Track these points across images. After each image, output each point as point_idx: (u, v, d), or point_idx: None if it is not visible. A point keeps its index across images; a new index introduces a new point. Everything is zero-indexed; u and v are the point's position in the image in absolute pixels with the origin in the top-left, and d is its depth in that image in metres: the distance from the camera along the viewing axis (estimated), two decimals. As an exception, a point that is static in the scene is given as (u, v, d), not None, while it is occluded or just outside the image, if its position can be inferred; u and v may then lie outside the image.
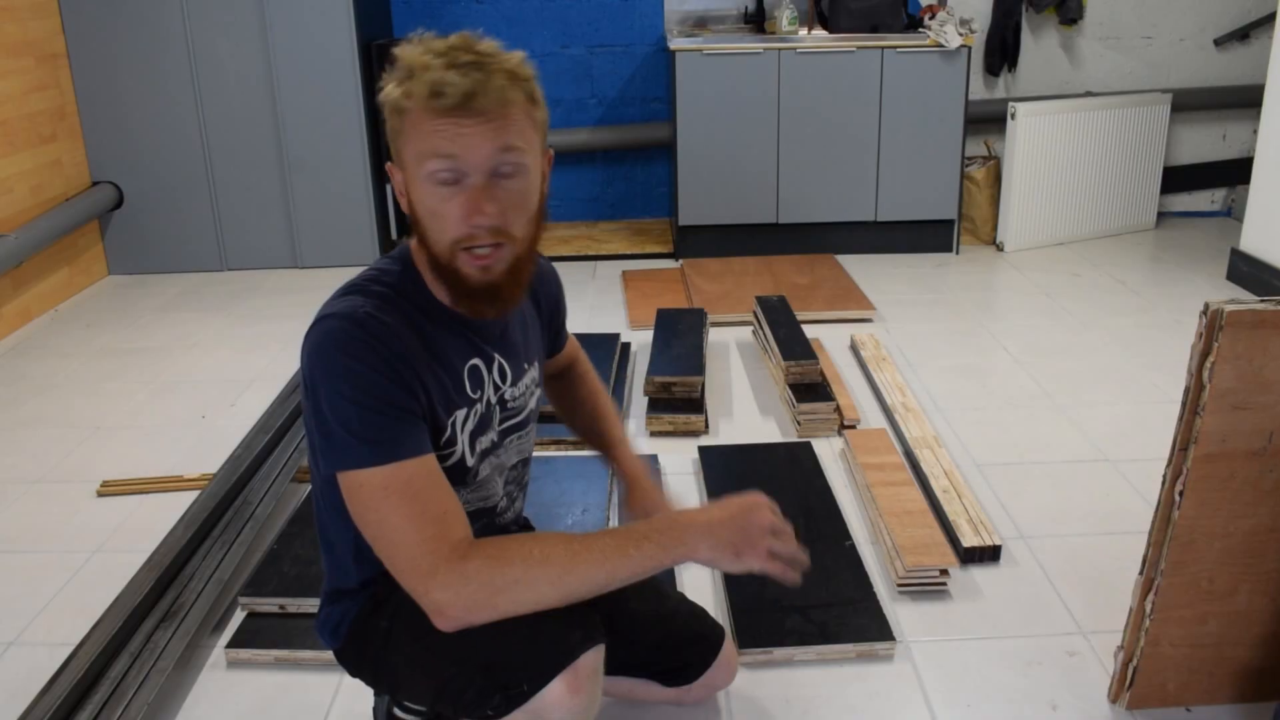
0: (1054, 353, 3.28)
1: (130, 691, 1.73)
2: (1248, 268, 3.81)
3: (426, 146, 1.17)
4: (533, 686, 1.20)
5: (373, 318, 1.20)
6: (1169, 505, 1.54)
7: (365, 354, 1.17)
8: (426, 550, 1.15)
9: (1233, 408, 1.47)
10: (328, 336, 1.19)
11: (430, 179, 1.18)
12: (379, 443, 1.17)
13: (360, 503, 1.18)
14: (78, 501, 2.50)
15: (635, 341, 3.38)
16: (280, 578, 2.03)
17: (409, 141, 1.19)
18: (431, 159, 1.17)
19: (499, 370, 1.35)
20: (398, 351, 1.20)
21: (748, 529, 1.23)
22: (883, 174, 4.26)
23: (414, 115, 1.17)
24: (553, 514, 2.25)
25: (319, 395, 1.18)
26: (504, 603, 1.16)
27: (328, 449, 1.19)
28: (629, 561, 1.18)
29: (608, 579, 1.19)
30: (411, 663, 1.31)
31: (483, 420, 1.33)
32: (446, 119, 1.15)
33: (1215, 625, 1.63)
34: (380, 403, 1.17)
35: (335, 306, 1.22)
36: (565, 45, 4.62)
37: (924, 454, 2.52)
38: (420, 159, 1.18)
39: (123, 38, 4.07)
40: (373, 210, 4.32)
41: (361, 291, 1.25)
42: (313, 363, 1.19)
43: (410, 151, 1.19)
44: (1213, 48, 4.69)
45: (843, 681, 1.80)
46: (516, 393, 1.39)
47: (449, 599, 1.15)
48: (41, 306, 3.90)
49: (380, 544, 1.19)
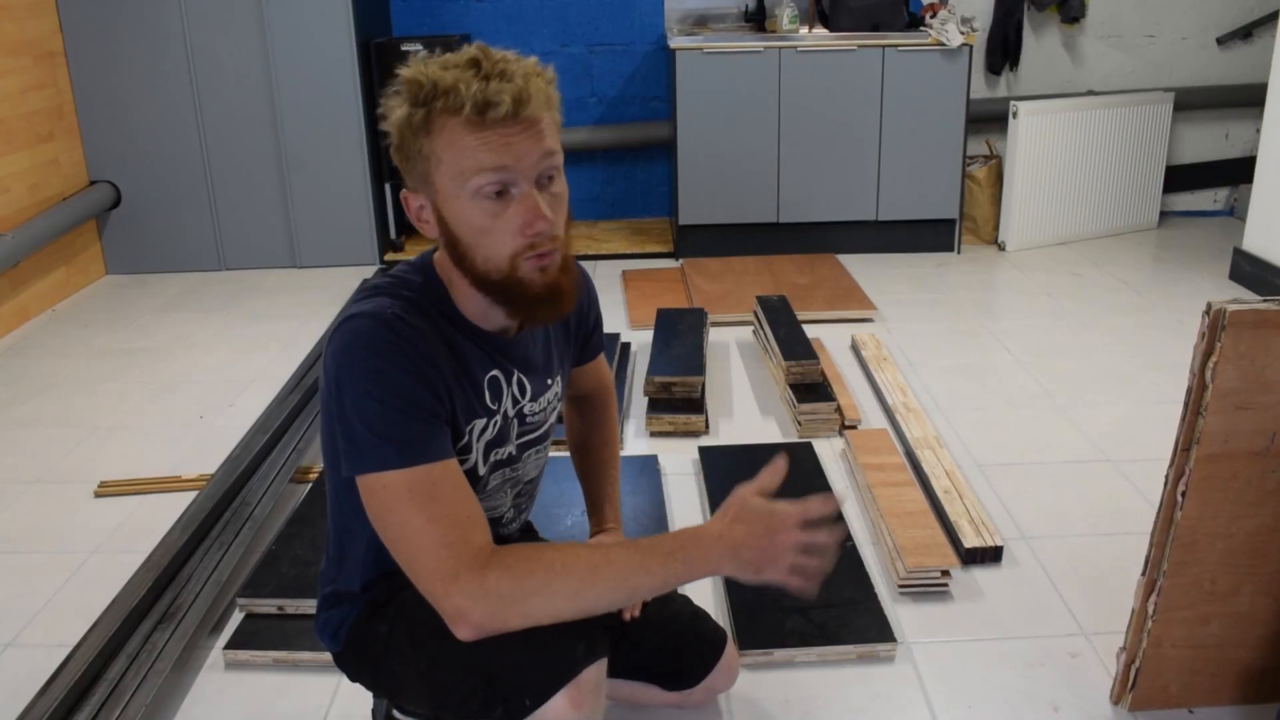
0: (1056, 353, 3.28)
1: (128, 693, 1.73)
2: (1250, 267, 3.80)
3: (471, 163, 1.12)
4: (535, 701, 1.19)
5: (401, 319, 1.18)
6: (1171, 506, 1.54)
7: (394, 354, 1.15)
8: (449, 555, 1.13)
9: (1235, 408, 1.46)
10: (356, 336, 1.17)
11: (478, 195, 1.14)
12: (404, 443, 1.14)
13: (381, 505, 1.16)
14: (76, 502, 2.49)
15: (635, 341, 3.38)
16: (279, 579, 2.02)
17: (443, 162, 1.14)
18: (477, 174, 1.13)
19: (518, 384, 1.33)
20: (425, 354, 1.18)
21: (772, 551, 1.17)
22: (884, 173, 4.25)
23: (450, 133, 1.13)
24: (552, 514, 2.24)
25: (344, 395, 1.16)
26: (531, 610, 1.14)
27: (350, 450, 1.16)
28: (651, 578, 1.16)
29: (629, 595, 1.18)
30: (413, 669, 1.30)
31: (501, 432, 1.31)
32: (493, 131, 1.11)
33: (1218, 626, 1.62)
34: (407, 403, 1.15)
35: (362, 307, 1.20)
36: (565, 44, 4.61)
37: (925, 454, 2.52)
38: (463, 177, 1.13)
39: (121, 36, 4.07)
40: (372, 210, 4.31)
41: (388, 293, 1.23)
42: (339, 362, 1.17)
43: (447, 171, 1.14)
44: (1215, 46, 4.68)
45: (843, 683, 1.79)
46: (536, 408, 1.36)
47: (470, 606, 1.12)
48: (39, 306, 3.89)
49: (400, 547, 1.16)
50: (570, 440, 1.65)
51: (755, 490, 1.21)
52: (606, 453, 1.63)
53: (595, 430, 1.63)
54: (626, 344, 3.32)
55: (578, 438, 1.64)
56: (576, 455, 1.65)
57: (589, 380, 1.59)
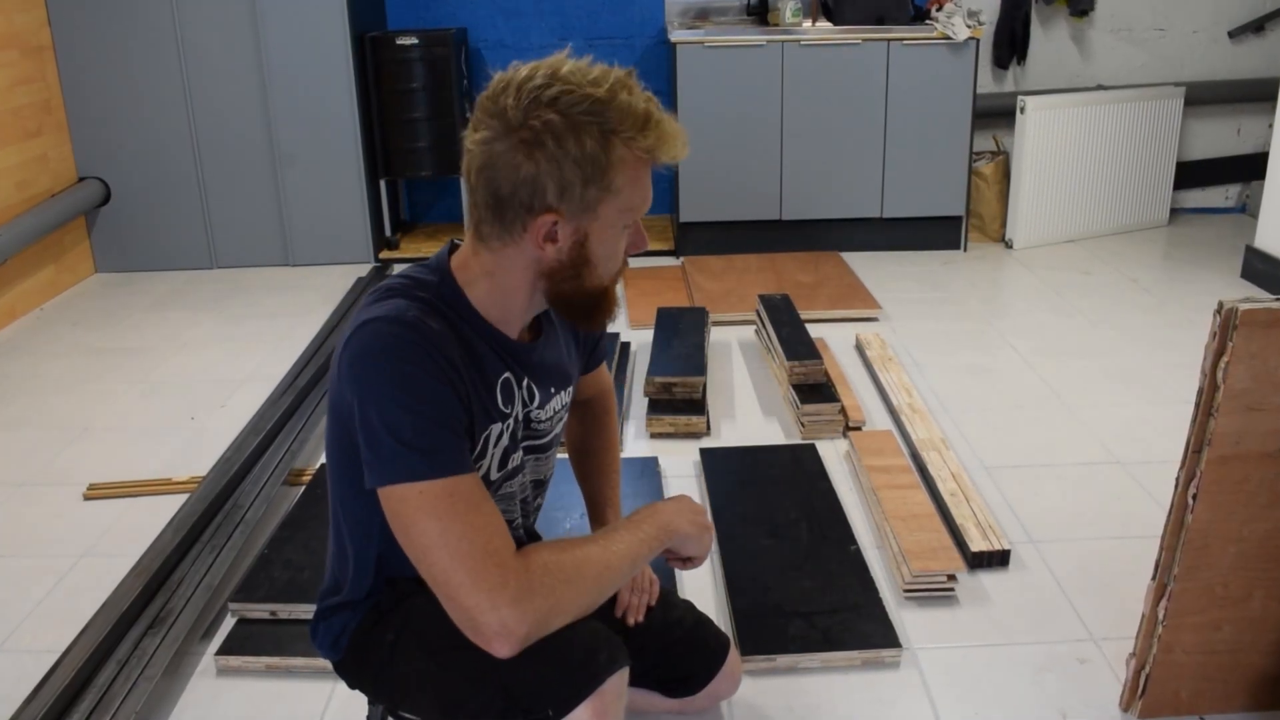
0: (1064, 352, 3.27)
1: (117, 700, 1.72)
2: (1263, 265, 3.78)
3: (639, 197, 1.19)
4: (559, 711, 1.17)
5: (423, 322, 1.16)
6: (1182, 509, 1.54)
7: (419, 358, 1.13)
8: (494, 564, 1.10)
9: (1247, 409, 1.46)
10: (376, 340, 1.14)
11: (626, 227, 1.21)
12: (434, 453, 1.12)
13: (409, 517, 1.13)
14: (64, 504, 2.48)
15: (635, 341, 3.37)
16: (271, 583, 2.01)
17: (623, 190, 1.16)
18: (641, 208, 1.20)
19: (527, 389, 1.32)
20: (449, 359, 1.16)
21: (693, 511, 1.37)
22: (889, 170, 4.23)
23: (637, 162, 1.16)
24: (550, 516, 2.23)
25: (366, 403, 1.12)
26: (568, 609, 1.16)
27: (376, 461, 1.13)
28: (644, 547, 1.27)
29: (632, 567, 1.25)
30: (423, 678, 1.27)
31: (513, 437, 1.31)
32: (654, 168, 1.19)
33: (1229, 631, 1.63)
34: (436, 411, 1.13)
35: (379, 310, 1.17)
36: (564, 38, 4.59)
37: (931, 456, 2.51)
38: (631, 208, 1.19)
39: (110, 30, 4.04)
40: (366, 207, 4.28)
41: (404, 295, 1.20)
42: (358, 368, 1.14)
43: (622, 200, 1.17)
44: (1227, 40, 4.65)
45: (847, 689, 1.79)
46: (543, 415, 1.36)
47: (517, 616, 1.10)
48: (26, 305, 3.87)
49: (435, 557, 1.12)
50: (571, 443, 1.65)
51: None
52: (607, 456, 1.63)
53: (596, 433, 1.63)
54: (626, 344, 3.31)
55: (578, 441, 1.64)
56: (577, 458, 1.65)
57: (590, 385, 1.59)
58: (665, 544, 1.31)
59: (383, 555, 1.29)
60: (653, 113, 1.15)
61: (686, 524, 1.33)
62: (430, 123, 4.19)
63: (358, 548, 1.30)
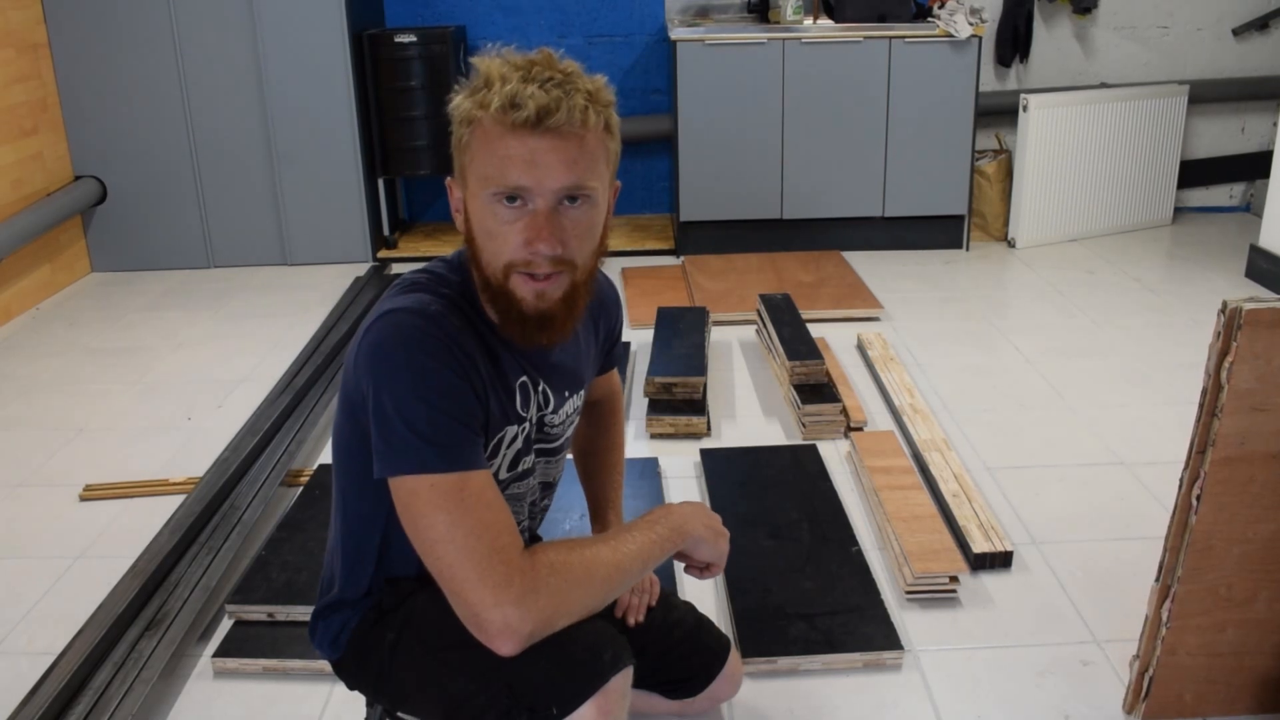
0: (1067, 352, 3.26)
1: (114, 702, 1.72)
2: (1267, 265, 3.77)
3: (494, 163, 1.13)
4: (563, 710, 1.17)
5: (445, 317, 1.16)
6: (1186, 510, 1.54)
7: (439, 352, 1.13)
8: (500, 561, 1.11)
9: (1252, 409, 1.46)
10: (397, 330, 1.14)
11: (493, 198, 1.14)
12: (448, 447, 1.12)
13: (417, 510, 1.13)
14: (60, 506, 2.48)
15: (635, 341, 3.35)
16: (268, 585, 2.01)
17: (475, 156, 1.15)
18: (497, 178, 1.13)
19: (542, 394, 1.32)
20: (470, 355, 1.17)
21: (708, 515, 1.36)
22: (890, 168, 4.22)
23: (484, 128, 1.14)
24: (550, 518, 2.20)
25: (382, 393, 1.12)
26: (574, 609, 1.16)
27: (387, 450, 1.13)
28: (656, 548, 1.25)
29: (643, 569, 1.24)
30: (424, 677, 1.27)
31: (527, 440, 1.31)
32: (518, 135, 1.12)
33: (1234, 634, 1.63)
34: (452, 404, 1.13)
35: (402, 301, 1.18)
36: (563, 35, 4.58)
37: (933, 457, 2.50)
38: (485, 176, 1.14)
39: (106, 27, 4.03)
40: (364, 206, 4.27)
41: (428, 290, 1.21)
42: (376, 358, 1.14)
43: (476, 167, 1.16)
44: (1231, 37, 4.64)
45: (849, 691, 1.79)
46: (556, 420, 1.36)
47: (522, 614, 1.10)
48: (22, 305, 3.86)
49: (442, 552, 1.12)
50: (575, 444, 1.65)
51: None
52: (612, 457, 1.64)
53: (601, 435, 1.63)
54: (626, 343, 3.30)
55: (583, 441, 1.64)
56: (581, 459, 1.65)
57: (600, 388, 1.60)
58: (678, 546, 1.30)
59: (385, 554, 1.29)
60: (506, 75, 1.13)
61: (700, 527, 1.32)
62: (429, 121, 4.18)
63: (360, 545, 1.30)
